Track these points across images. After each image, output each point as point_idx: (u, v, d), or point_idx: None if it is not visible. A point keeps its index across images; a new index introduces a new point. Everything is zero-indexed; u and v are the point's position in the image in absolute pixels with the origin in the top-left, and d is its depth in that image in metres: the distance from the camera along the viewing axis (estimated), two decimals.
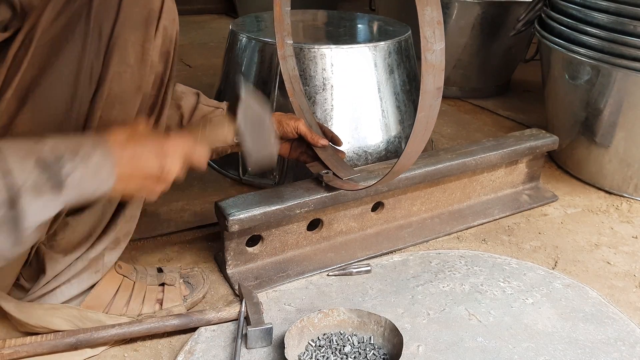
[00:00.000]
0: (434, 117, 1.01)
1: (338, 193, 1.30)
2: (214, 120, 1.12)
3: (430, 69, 0.93)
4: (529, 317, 1.20)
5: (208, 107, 1.32)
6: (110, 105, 0.94)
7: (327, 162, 1.36)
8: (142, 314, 1.14)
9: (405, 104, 1.76)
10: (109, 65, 0.91)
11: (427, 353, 1.09)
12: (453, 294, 1.26)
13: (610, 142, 1.70)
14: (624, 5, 1.56)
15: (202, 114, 1.31)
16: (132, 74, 0.93)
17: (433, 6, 0.90)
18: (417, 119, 0.99)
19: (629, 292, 1.33)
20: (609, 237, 1.54)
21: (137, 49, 0.93)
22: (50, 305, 1.06)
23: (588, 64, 1.65)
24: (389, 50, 1.70)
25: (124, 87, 0.94)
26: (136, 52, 0.93)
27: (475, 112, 2.39)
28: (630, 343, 1.14)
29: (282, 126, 1.35)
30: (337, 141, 1.43)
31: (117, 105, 0.94)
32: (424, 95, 0.95)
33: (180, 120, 1.30)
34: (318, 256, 1.36)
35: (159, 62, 0.98)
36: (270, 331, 1.09)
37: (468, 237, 1.51)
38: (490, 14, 2.31)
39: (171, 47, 0.99)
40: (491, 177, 1.61)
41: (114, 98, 0.93)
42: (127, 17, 0.90)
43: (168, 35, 0.97)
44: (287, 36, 1.47)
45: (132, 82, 0.94)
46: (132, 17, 0.91)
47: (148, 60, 0.94)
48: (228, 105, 1.35)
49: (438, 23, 0.91)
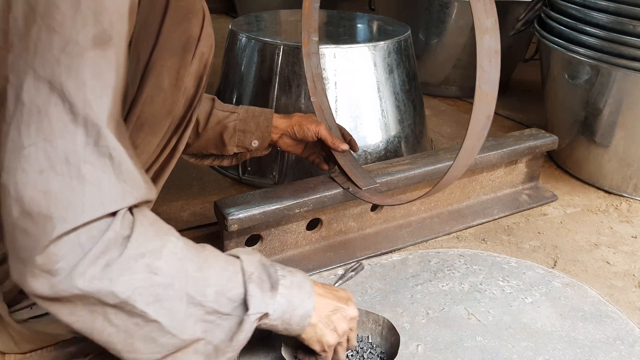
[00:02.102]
0: (479, 146, 0.97)
1: (337, 192, 1.31)
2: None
3: (483, 98, 0.91)
4: (528, 316, 1.20)
5: (223, 113, 1.31)
6: (139, 128, 0.92)
7: (345, 167, 1.36)
8: None
9: (405, 104, 1.76)
10: (143, 89, 0.90)
11: (426, 352, 1.09)
12: (452, 293, 1.26)
13: (610, 142, 1.70)
14: (624, 5, 1.56)
15: (217, 120, 1.30)
16: (165, 99, 0.92)
17: (492, 35, 0.87)
18: (464, 147, 0.94)
19: (628, 291, 1.33)
20: (608, 236, 1.54)
21: (171, 74, 0.91)
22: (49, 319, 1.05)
23: (587, 63, 1.65)
24: (389, 50, 1.70)
25: (154, 110, 0.92)
26: (170, 77, 0.91)
27: None
28: (629, 342, 1.14)
29: (302, 129, 1.35)
30: (354, 146, 1.42)
31: (146, 127, 0.93)
32: (473, 123, 0.92)
33: (196, 126, 1.30)
34: (317, 256, 1.36)
35: (191, 87, 0.96)
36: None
37: (467, 237, 1.51)
38: None
39: (205, 72, 0.98)
40: (490, 176, 1.61)
41: (143, 121, 0.92)
42: (166, 42, 0.89)
43: (204, 61, 0.96)
44: (313, 33, 1.45)
45: (164, 106, 0.92)
46: (170, 42, 0.90)
47: (182, 86, 0.93)
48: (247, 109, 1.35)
49: (495, 52, 0.89)
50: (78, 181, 0.68)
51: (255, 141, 1.32)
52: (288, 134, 1.37)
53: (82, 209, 0.67)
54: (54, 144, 0.67)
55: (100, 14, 0.69)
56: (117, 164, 0.70)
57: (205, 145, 1.31)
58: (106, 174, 0.69)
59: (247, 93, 1.71)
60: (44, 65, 0.67)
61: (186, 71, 0.93)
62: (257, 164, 1.68)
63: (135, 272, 0.71)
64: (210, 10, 0.98)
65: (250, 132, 1.32)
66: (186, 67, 0.92)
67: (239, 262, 0.83)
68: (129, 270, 0.70)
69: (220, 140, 1.30)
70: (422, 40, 2.43)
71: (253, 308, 0.80)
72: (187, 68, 0.92)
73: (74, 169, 0.68)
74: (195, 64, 0.94)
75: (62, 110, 0.67)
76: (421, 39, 2.43)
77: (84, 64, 0.68)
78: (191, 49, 0.92)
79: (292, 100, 1.64)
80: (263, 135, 1.33)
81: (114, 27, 0.71)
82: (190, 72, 0.94)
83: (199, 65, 0.95)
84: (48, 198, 0.67)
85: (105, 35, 0.70)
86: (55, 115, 0.67)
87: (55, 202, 0.67)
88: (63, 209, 0.67)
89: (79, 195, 0.68)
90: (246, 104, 1.70)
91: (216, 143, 1.31)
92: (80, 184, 0.68)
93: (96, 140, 0.69)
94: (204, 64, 0.97)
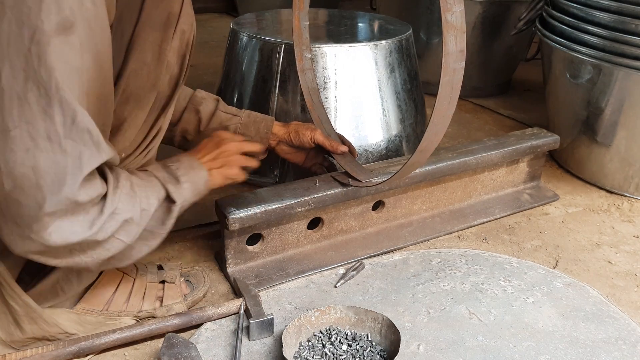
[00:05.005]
0: (458, 82, 0.97)
1: (338, 192, 1.30)
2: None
3: (451, 30, 0.90)
4: (529, 316, 1.19)
5: (226, 115, 1.38)
6: (125, 101, 0.97)
7: (347, 167, 1.38)
8: (142, 310, 1.14)
9: (406, 103, 1.76)
10: (128, 62, 0.94)
11: (427, 352, 1.09)
12: (454, 293, 1.25)
13: (612, 141, 1.69)
14: (626, 4, 1.56)
15: (219, 120, 1.36)
16: (149, 72, 0.96)
17: None
18: (441, 84, 0.95)
19: (630, 291, 1.32)
20: (610, 236, 1.54)
21: (154, 49, 0.96)
22: (51, 310, 1.06)
23: (589, 63, 1.64)
24: (390, 49, 1.70)
25: (139, 84, 0.97)
26: (154, 51, 0.96)
27: (476, 111, 2.38)
28: (631, 342, 1.13)
29: (298, 135, 1.40)
30: (353, 152, 1.47)
31: (131, 101, 0.97)
32: (446, 57, 0.92)
33: (198, 124, 1.36)
34: (318, 255, 1.36)
35: (175, 64, 1.01)
36: (272, 322, 1.10)
37: (469, 236, 1.51)
38: (491, 13, 2.31)
39: (187, 51, 1.02)
40: (492, 176, 1.61)
41: (129, 94, 0.96)
42: (148, 18, 0.94)
43: (185, 39, 1.00)
44: (305, 50, 1.50)
45: (148, 80, 0.97)
46: (152, 19, 0.94)
47: (164, 60, 0.97)
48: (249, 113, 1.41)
49: None
50: (62, 155, 0.80)
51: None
52: (285, 141, 1.42)
53: (66, 179, 0.81)
54: (35, 125, 0.78)
55: (62, 2, 0.77)
56: (96, 137, 0.83)
57: None
58: (86, 146, 0.82)
59: (247, 92, 1.71)
60: (18, 55, 0.77)
61: (168, 45, 0.97)
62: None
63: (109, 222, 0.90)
64: (211, 10, 1.00)
65: (249, 137, 1.37)
66: (168, 42, 0.97)
67: (154, 179, 1.01)
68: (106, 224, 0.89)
69: None
70: (424, 39, 2.43)
71: (178, 200, 1.01)
72: (168, 42, 0.97)
73: (56, 145, 0.79)
74: (176, 40, 0.98)
75: (37, 94, 0.78)
76: (422, 38, 2.43)
77: (52, 50, 0.77)
78: (172, 25, 0.97)
79: (292, 98, 1.64)
80: (262, 141, 1.39)
81: (74, 13, 0.78)
82: (172, 47, 0.98)
83: (180, 42, 0.99)
84: (37, 172, 0.79)
85: (68, 22, 0.78)
86: (33, 99, 0.78)
87: (43, 175, 0.79)
88: (50, 180, 0.80)
89: (62, 167, 0.80)
90: (247, 102, 1.71)
91: None
92: (64, 158, 0.80)
93: (73, 118, 0.80)
94: (185, 42, 1.01)
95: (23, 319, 1.01)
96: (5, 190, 0.80)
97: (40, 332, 1.03)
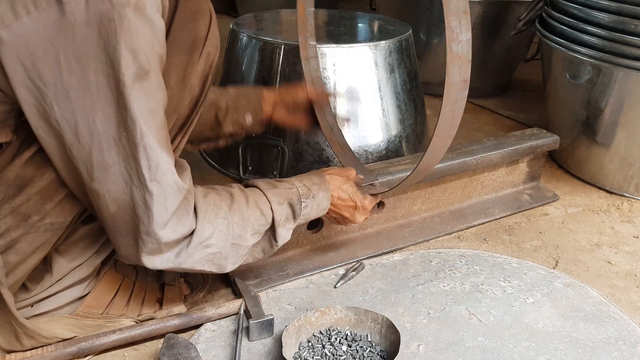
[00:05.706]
0: (460, 111, 0.96)
1: None
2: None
3: (456, 60, 0.89)
4: (529, 316, 1.19)
5: (215, 95, 1.34)
6: None
7: (347, 165, 1.37)
8: (142, 313, 1.14)
9: (406, 103, 1.76)
10: None
11: (427, 352, 1.08)
12: (453, 293, 1.25)
13: (611, 142, 1.70)
14: (625, 4, 1.56)
15: (209, 101, 1.32)
16: (172, 96, 0.94)
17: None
18: (442, 114, 0.94)
19: (630, 291, 1.32)
20: (609, 236, 1.54)
21: (179, 72, 0.95)
22: (48, 317, 1.06)
23: (589, 63, 1.65)
24: (390, 50, 1.69)
25: None
26: (178, 75, 0.95)
27: (476, 112, 2.38)
28: (631, 342, 1.13)
29: (289, 92, 1.42)
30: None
31: None
32: (449, 88, 0.91)
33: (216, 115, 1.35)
34: (318, 255, 1.35)
35: (197, 86, 0.99)
36: (272, 322, 1.10)
37: (468, 237, 1.51)
38: (491, 13, 2.31)
39: (210, 72, 1.01)
40: (492, 176, 1.61)
41: None
42: (174, 42, 0.92)
43: (209, 61, 0.99)
44: (310, 37, 1.47)
45: (170, 103, 0.94)
46: (178, 42, 0.93)
47: (189, 84, 0.96)
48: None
49: (464, 12, 0.87)
50: (149, 195, 0.90)
51: (249, 115, 1.34)
52: (279, 103, 1.40)
53: (152, 216, 0.91)
54: (130, 164, 0.89)
55: (137, 53, 0.82)
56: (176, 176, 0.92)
57: (200, 129, 1.32)
58: (170, 187, 0.91)
59: None
60: (108, 104, 0.85)
61: (193, 69, 0.96)
62: (257, 163, 1.68)
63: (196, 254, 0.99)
64: None
65: (242, 107, 1.35)
66: (193, 66, 0.95)
67: (271, 214, 1.07)
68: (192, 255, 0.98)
69: (216, 120, 1.33)
70: (423, 39, 2.43)
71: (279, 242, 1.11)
72: (194, 67, 0.95)
73: (143, 187, 0.90)
74: (201, 63, 0.96)
75: (127, 139, 0.87)
76: (422, 38, 2.42)
77: (134, 100, 0.84)
78: (198, 48, 0.95)
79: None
80: (255, 109, 1.37)
81: (149, 59, 0.84)
82: (197, 71, 0.96)
83: (205, 64, 0.98)
84: (134, 202, 0.91)
85: (143, 71, 0.84)
86: (125, 142, 0.87)
87: (137, 206, 0.91)
88: (142, 212, 0.91)
89: (150, 206, 0.90)
90: None
91: (212, 125, 1.33)
92: (151, 198, 0.90)
93: (157, 163, 0.89)
94: (209, 63, 0.99)
95: (22, 337, 1.01)
96: (111, 211, 0.92)
97: (39, 344, 1.03)
